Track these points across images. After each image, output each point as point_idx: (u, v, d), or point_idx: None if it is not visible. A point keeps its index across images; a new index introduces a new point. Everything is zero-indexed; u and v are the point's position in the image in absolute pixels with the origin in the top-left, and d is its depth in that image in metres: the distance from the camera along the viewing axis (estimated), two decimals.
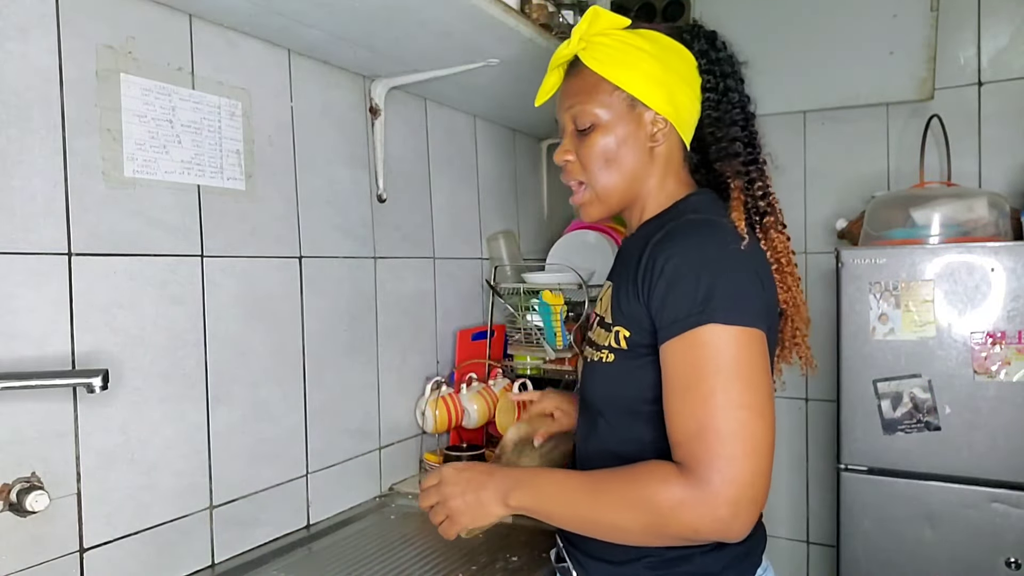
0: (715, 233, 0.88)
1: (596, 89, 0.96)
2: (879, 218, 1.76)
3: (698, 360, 0.80)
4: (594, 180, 0.98)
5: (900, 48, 1.89)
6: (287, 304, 1.37)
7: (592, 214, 1.01)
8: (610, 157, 0.96)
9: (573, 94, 0.99)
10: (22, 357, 0.95)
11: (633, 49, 0.95)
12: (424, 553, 1.29)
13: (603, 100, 0.96)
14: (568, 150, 1.00)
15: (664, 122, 0.96)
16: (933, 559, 1.60)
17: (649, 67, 0.95)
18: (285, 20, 1.22)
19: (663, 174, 0.99)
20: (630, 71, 0.94)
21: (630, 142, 0.96)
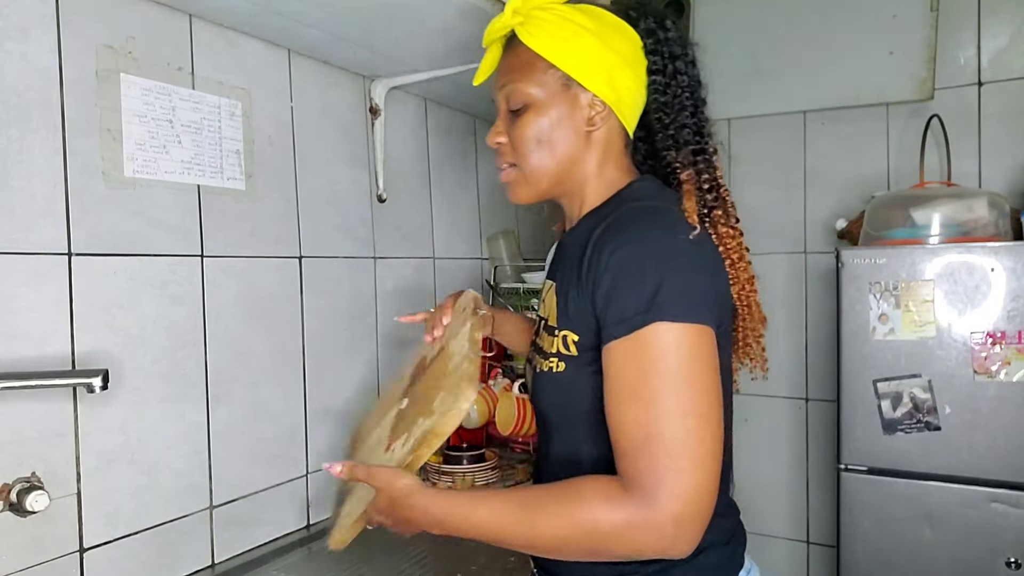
0: (662, 221, 0.82)
1: (530, 67, 0.89)
2: (879, 218, 1.76)
3: (645, 363, 0.74)
4: (524, 162, 0.91)
5: (900, 48, 1.89)
6: (287, 304, 1.37)
7: (519, 195, 0.94)
8: (542, 139, 0.90)
9: (506, 72, 0.92)
10: (22, 357, 0.95)
11: (572, 25, 0.88)
12: (423, 553, 1.29)
13: (537, 79, 0.89)
14: (500, 131, 0.94)
15: (602, 105, 0.90)
16: (933, 559, 1.60)
17: (588, 45, 0.88)
18: (285, 20, 1.22)
19: (601, 160, 0.92)
20: (567, 49, 0.88)
21: (564, 124, 0.90)
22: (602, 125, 0.91)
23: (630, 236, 0.80)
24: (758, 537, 2.23)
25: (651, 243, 0.79)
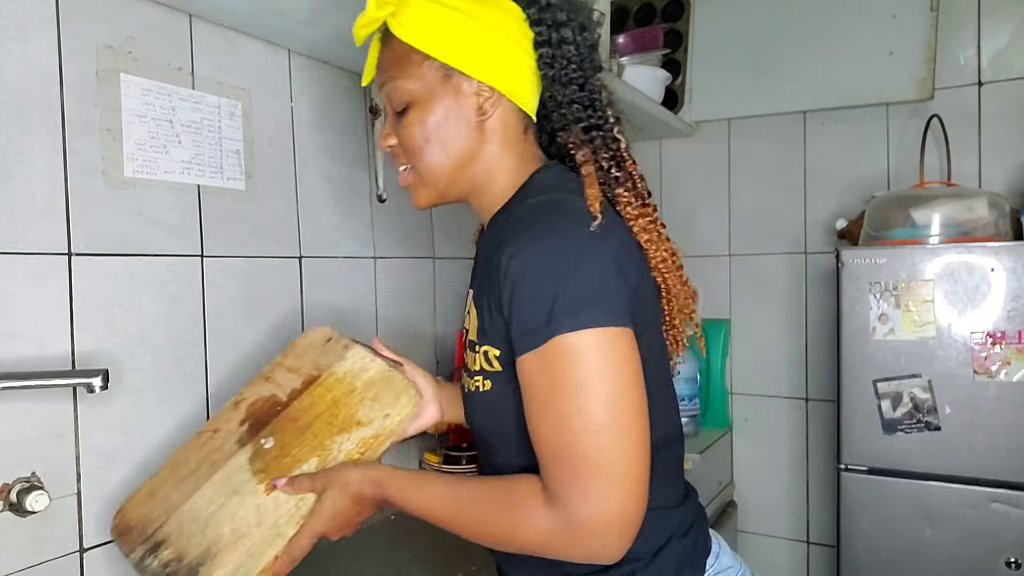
0: (558, 218, 0.76)
1: (406, 61, 0.83)
2: (879, 218, 1.76)
3: (553, 377, 0.71)
4: (418, 163, 0.86)
5: (900, 48, 1.89)
6: (287, 304, 1.37)
7: (420, 199, 0.89)
8: (430, 137, 0.84)
9: (383, 69, 0.86)
10: (22, 357, 0.95)
11: (443, 9, 0.81)
12: (424, 553, 1.29)
13: (414, 73, 0.83)
14: (388, 133, 0.89)
15: (490, 91, 0.83)
16: (933, 559, 1.60)
17: (463, 28, 0.81)
18: (285, 20, 1.22)
19: (500, 151, 0.86)
20: (441, 35, 0.81)
21: (452, 117, 0.83)
22: (493, 112, 0.84)
23: (526, 239, 0.74)
24: (758, 537, 2.23)
25: (547, 247, 0.73)
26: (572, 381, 0.70)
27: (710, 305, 2.26)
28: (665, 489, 0.83)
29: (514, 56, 0.83)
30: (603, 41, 1.71)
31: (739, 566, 0.91)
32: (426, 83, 0.83)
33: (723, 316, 2.25)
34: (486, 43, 0.82)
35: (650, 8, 2.29)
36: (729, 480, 2.23)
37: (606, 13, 1.70)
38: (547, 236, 0.74)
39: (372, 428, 0.91)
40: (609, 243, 0.75)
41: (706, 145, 2.26)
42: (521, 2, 0.84)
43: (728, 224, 2.24)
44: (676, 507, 0.85)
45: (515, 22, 0.84)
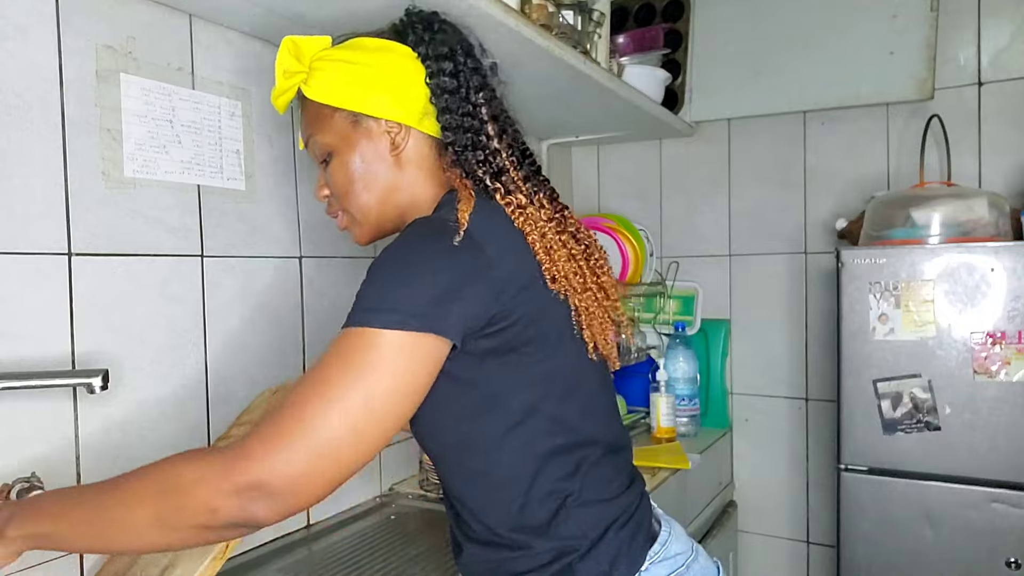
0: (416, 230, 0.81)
1: (319, 117, 0.92)
2: (879, 218, 1.76)
3: (341, 351, 0.73)
4: (349, 206, 0.94)
5: (900, 48, 1.89)
6: (287, 304, 1.37)
7: (359, 237, 0.97)
8: (354, 179, 0.91)
9: (304, 128, 0.96)
10: (22, 357, 0.95)
11: (341, 64, 0.90)
12: (424, 553, 1.29)
13: (328, 126, 0.92)
14: (321, 185, 0.98)
15: (397, 126, 0.90)
16: (933, 559, 1.60)
17: (363, 77, 0.89)
18: (285, 20, 1.22)
19: (418, 178, 0.92)
20: (344, 88, 0.89)
21: (368, 157, 0.91)
22: (405, 144, 0.91)
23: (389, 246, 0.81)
24: (758, 537, 2.23)
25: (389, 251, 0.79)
26: (351, 363, 0.72)
27: (710, 305, 2.26)
28: (599, 484, 0.86)
29: (413, 91, 0.90)
30: (603, 41, 1.71)
31: (690, 551, 0.91)
32: (340, 133, 0.91)
33: (723, 316, 2.25)
34: (385, 85, 0.89)
35: (650, 8, 2.28)
36: (729, 480, 2.23)
37: (606, 13, 1.70)
38: (396, 243, 0.80)
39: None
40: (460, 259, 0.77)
41: (706, 145, 2.26)
42: (409, 43, 0.91)
43: (728, 224, 2.24)
44: (613, 499, 0.87)
45: (407, 60, 0.91)
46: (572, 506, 0.83)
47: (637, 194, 2.36)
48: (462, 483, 0.87)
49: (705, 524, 1.98)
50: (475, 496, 0.86)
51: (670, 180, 2.33)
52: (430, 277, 0.76)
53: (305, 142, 0.97)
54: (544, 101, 1.75)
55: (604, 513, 0.85)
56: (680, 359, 2.10)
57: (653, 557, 0.86)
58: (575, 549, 0.82)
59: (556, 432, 0.84)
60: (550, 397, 0.84)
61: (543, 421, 0.83)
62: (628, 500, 0.89)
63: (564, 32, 1.49)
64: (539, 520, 0.83)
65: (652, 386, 2.02)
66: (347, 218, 0.96)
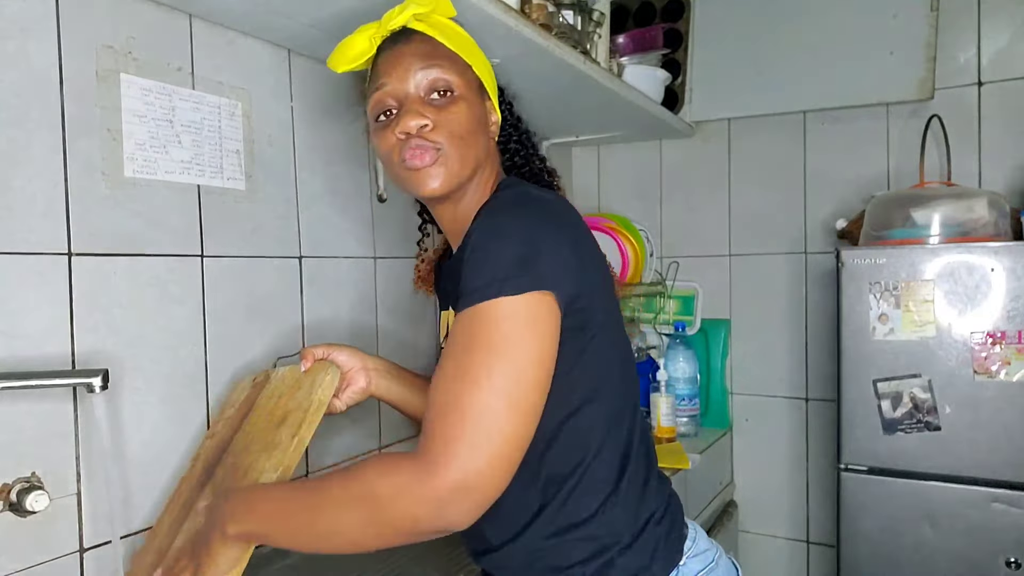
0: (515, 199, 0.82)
1: (456, 62, 0.89)
2: (879, 218, 1.76)
3: (472, 334, 0.72)
4: (455, 148, 0.86)
5: (900, 48, 1.89)
6: (287, 304, 1.37)
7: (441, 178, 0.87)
8: (469, 133, 0.88)
9: (427, 56, 0.88)
10: (22, 357, 0.95)
11: (468, 41, 0.92)
12: (424, 553, 1.29)
13: (463, 73, 0.90)
14: (423, 115, 0.86)
15: (496, 118, 0.96)
16: (933, 559, 1.60)
17: (484, 60, 0.94)
18: (285, 20, 1.22)
19: (489, 171, 0.94)
20: (476, 58, 0.92)
21: (482, 125, 0.91)
22: (495, 136, 0.97)
23: (485, 216, 0.80)
24: (758, 537, 2.23)
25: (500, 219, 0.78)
26: (487, 342, 0.71)
27: (710, 305, 2.26)
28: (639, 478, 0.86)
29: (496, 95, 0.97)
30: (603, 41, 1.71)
31: (715, 549, 0.92)
32: (471, 87, 0.91)
33: (723, 316, 2.25)
34: (492, 78, 0.96)
35: (650, 8, 2.28)
36: (729, 480, 2.23)
37: (606, 13, 1.70)
38: (500, 212, 0.79)
39: (301, 408, 0.96)
40: (566, 224, 0.80)
41: (706, 145, 2.26)
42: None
43: (728, 224, 2.24)
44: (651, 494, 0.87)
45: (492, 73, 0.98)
46: (619, 498, 0.82)
47: (637, 194, 2.36)
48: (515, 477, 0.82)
49: (705, 524, 1.98)
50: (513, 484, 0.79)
51: (670, 180, 2.33)
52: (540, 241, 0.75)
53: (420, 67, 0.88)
54: (544, 101, 1.75)
55: (646, 506, 0.84)
56: (680, 359, 2.10)
57: (687, 552, 0.86)
58: (617, 542, 0.81)
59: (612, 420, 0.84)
60: (611, 381, 0.83)
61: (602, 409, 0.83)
62: (665, 493, 0.89)
63: (564, 32, 1.49)
64: (585, 511, 0.81)
65: (652, 386, 2.02)
66: (441, 156, 0.87)
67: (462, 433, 0.69)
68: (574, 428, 0.81)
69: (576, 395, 0.81)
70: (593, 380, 0.82)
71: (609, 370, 0.84)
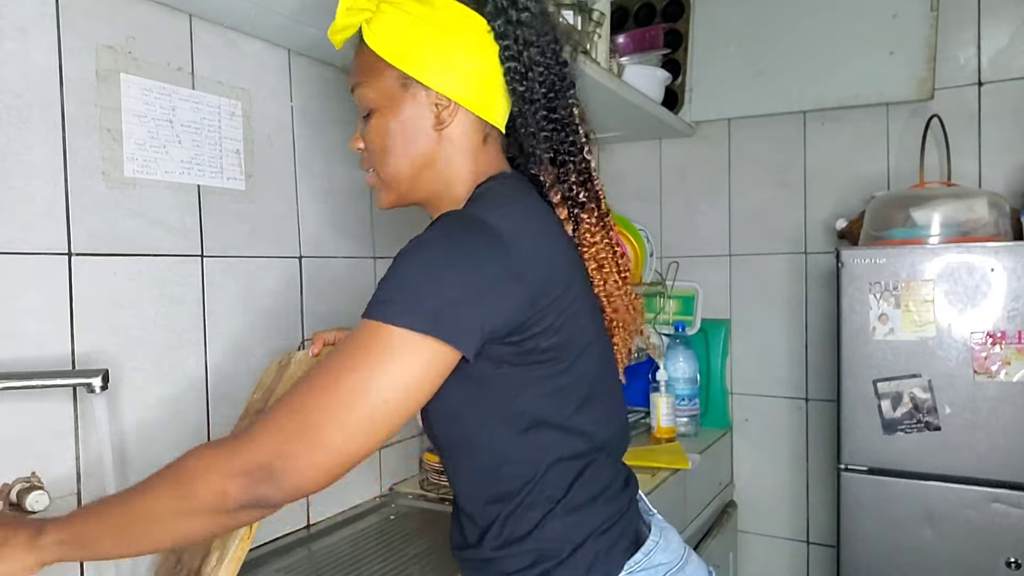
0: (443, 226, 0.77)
1: (372, 68, 0.85)
2: (879, 218, 1.76)
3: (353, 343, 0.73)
4: (379, 166, 0.88)
5: (900, 48, 1.89)
6: (287, 304, 1.37)
7: (381, 200, 0.91)
8: (389, 142, 0.86)
9: (353, 75, 0.89)
10: (22, 357, 0.95)
11: (409, 18, 0.82)
12: (424, 553, 1.29)
13: (377, 81, 0.85)
14: (357, 137, 0.91)
15: (447, 101, 0.84)
16: (933, 559, 1.60)
17: (425, 38, 0.82)
18: (285, 20, 1.22)
19: (457, 160, 0.87)
20: (403, 46, 0.82)
21: (409, 125, 0.85)
22: (451, 121, 0.85)
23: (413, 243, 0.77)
24: (758, 537, 2.23)
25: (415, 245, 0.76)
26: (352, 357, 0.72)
27: (710, 305, 2.26)
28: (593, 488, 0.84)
29: (474, 68, 0.84)
30: (603, 41, 1.71)
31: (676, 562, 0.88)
32: (387, 91, 0.85)
33: (723, 316, 2.25)
34: (445, 54, 0.83)
35: (650, 8, 2.28)
36: (729, 480, 2.23)
37: (606, 13, 1.70)
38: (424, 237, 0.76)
39: None
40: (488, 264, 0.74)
41: (706, 145, 2.26)
42: (487, 15, 0.84)
43: (728, 224, 2.24)
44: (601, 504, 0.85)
45: (478, 35, 0.84)
46: (560, 512, 0.82)
47: (637, 194, 2.36)
48: (464, 480, 0.86)
49: (705, 524, 1.98)
50: (473, 495, 0.85)
51: (670, 180, 2.33)
52: (454, 278, 0.72)
53: (351, 88, 0.90)
54: None
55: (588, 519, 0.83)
56: (680, 359, 2.10)
57: (633, 566, 0.84)
58: (554, 555, 0.81)
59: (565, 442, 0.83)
60: (564, 409, 0.82)
61: (553, 432, 0.82)
62: (616, 506, 0.87)
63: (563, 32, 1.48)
64: (527, 525, 0.82)
65: (652, 386, 2.02)
66: (375, 179, 0.91)
67: (289, 423, 0.70)
68: (523, 449, 0.82)
69: (524, 419, 0.81)
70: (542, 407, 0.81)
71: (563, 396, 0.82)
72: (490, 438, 0.82)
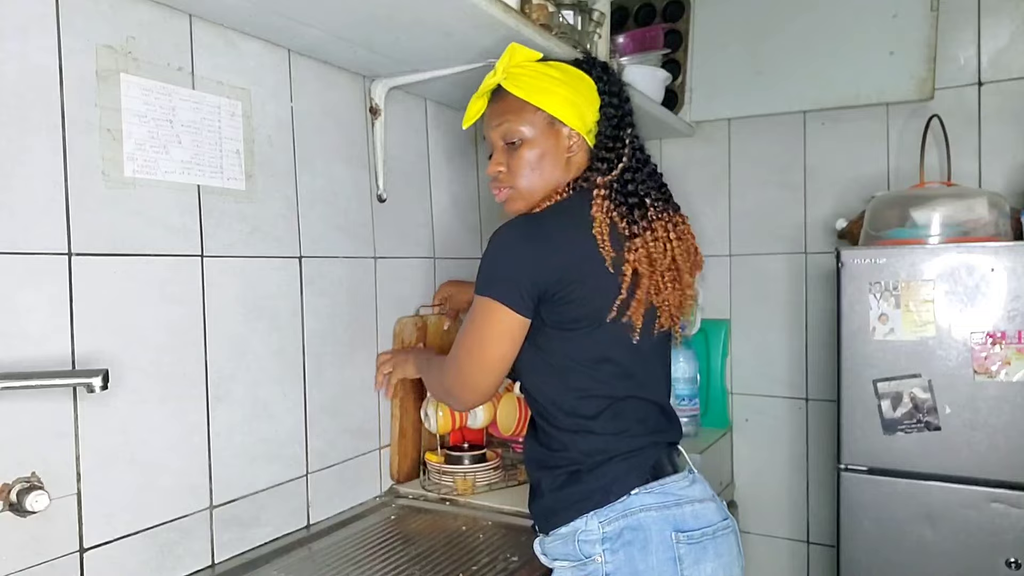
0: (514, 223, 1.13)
1: (522, 110, 1.17)
2: (879, 218, 1.76)
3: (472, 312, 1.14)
4: (519, 183, 1.19)
5: (900, 48, 1.89)
6: (287, 304, 1.37)
7: (515, 207, 1.22)
8: (534, 166, 1.18)
9: (501, 114, 1.19)
10: (22, 357, 0.95)
11: (547, 77, 1.17)
12: (424, 553, 1.29)
13: (528, 119, 1.17)
14: (500, 162, 1.21)
15: (577, 136, 1.18)
16: (933, 559, 1.60)
17: (561, 91, 1.16)
18: (285, 20, 1.22)
19: (566, 176, 1.20)
20: (547, 96, 1.16)
21: (550, 153, 1.18)
22: (577, 151, 1.20)
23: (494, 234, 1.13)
24: (758, 537, 2.23)
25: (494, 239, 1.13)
26: (470, 320, 1.15)
27: (710, 305, 2.26)
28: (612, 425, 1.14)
29: (591, 112, 1.19)
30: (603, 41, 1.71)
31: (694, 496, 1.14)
32: (536, 127, 1.18)
33: (723, 316, 2.25)
34: (576, 102, 1.17)
35: (650, 8, 2.29)
36: (729, 480, 2.23)
37: (606, 13, 1.70)
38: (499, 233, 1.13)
39: None
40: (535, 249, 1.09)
41: (706, 145, 2.26)
42: (593, 77, 1.21)
43: (728, 224, 2.24)
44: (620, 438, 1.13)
45: (591, 90, 1.20)
46: (585, 433, 1.13)
47: None
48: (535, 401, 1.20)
49: None
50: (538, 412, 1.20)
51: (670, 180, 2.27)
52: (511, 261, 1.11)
53: (496, 124, 1.20)
54: None
55: (608, 445, 1.12)
56: (680, 359, 2.09)
57: (647, 488, 1.10)
58: (582, 463, 1.12)
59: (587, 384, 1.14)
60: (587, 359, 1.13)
61: (579, 375, 1.13)
62: (636, 443, 1.14)
63: (564, 32, 1.49)
64: (566, 438, 1.15)
65: None
66: (512, 193, 1.21)
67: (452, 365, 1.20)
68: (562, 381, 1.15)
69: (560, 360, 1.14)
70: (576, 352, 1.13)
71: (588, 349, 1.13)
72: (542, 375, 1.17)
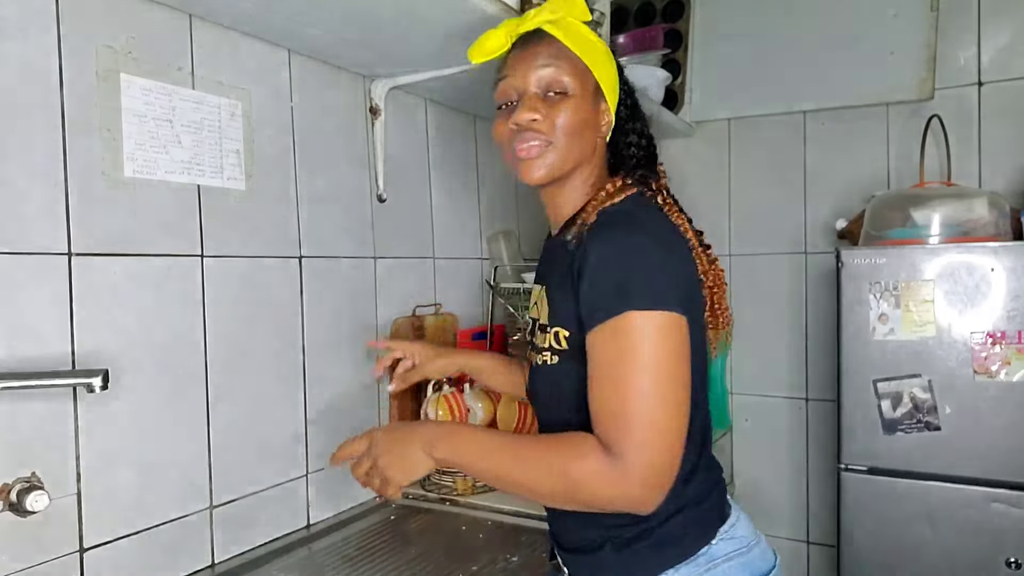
0: (634, 224, 0.91)
1: (572, 62, 0.96)
2: (879, 218, 1.76)
3: (618, 347, 0.83)
4: (560, 141, 0.95)
5: (900, 48, 1.89)
6: (287, 304, 1.37)
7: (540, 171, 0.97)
8: (575, 130, 0.96)
9: (549, 56, 0.96)
10: (22, 357, 0.95)
11: (597, 44, 0.99)
12: (424, 553, 1.29)
13: (579, 74, 0.96)
14: (536, 108, 0.95)
15: (609, 120, 1.01)
16: (933, 559, 1.60)
17: (609, 66, 1.00)
18: (285, 20, 1.22)
19: (595, 164, 1.02)
20: (598, 63, 0.98)
21: (590, 125, 0.98)
22: (607, 133, 1.02)
23: (605, 238, 0.89)
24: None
25: (621, 243, 0.88)
26: (634, 353, 0.83)
27: None
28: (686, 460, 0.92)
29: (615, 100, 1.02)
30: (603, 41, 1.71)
31: (754, 536, 1.00)
32: (585, 88, 0.97)
33: None
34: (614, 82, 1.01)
35: (650, 8, 2.28)
36: (729, 480, 2.23)
37: (606, 13, 1.70)
38: (622, 235, 0.89)
39: None
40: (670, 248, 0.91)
41: (706, 145, 2.26)
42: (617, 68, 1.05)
43: (728, 224, 2.24)
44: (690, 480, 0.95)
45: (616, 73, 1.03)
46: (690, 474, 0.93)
47: None
48: None
49: None
50: None
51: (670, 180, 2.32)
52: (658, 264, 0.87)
53: (539, 65, 0.96)
54: None
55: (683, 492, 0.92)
56: None
57: (722, 535, 0.96)
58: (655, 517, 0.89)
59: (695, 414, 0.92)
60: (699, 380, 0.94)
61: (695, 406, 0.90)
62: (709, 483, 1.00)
63: None
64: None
65: None
66: (547, 148, 0.96)
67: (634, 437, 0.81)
68: None
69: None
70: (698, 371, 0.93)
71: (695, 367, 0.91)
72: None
